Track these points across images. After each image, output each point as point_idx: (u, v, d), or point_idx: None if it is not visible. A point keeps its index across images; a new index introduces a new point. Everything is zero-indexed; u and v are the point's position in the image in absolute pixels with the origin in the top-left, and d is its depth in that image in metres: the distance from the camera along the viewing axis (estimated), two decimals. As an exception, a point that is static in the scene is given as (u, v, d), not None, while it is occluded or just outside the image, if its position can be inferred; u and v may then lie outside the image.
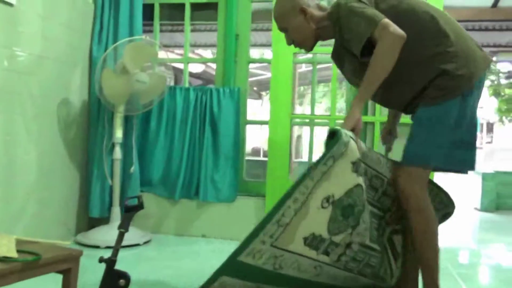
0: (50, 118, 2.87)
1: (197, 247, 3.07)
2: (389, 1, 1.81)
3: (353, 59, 1.84)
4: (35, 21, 2.67)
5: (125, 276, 1.32)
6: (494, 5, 5.39)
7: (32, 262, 1.34)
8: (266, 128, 3.29)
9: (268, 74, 10.64)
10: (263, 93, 14.29)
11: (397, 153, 1.97)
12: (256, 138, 13.94)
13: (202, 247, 3.09)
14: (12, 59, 2.50)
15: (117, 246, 1.35)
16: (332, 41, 1.99)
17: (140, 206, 1.39)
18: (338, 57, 2.00)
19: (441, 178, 3.30)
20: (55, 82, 2.89)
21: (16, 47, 2.53)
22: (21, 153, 2.61)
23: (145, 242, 3.06)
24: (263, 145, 13.77)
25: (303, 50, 2.12)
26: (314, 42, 1.97)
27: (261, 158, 7.65)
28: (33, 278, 1.38)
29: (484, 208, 5.38)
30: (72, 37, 3.04)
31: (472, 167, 1.95)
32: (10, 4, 2.44)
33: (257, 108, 15.74)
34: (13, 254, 1.36)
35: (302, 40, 1.95)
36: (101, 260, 1.31)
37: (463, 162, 1.91)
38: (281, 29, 1.95)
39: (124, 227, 1.36)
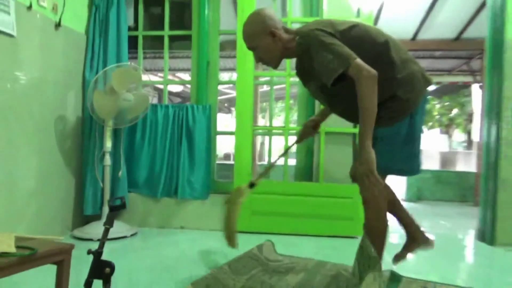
0: (49, 133, 2.78)
1: (177, 237, 3.03)
2: (348, 28, 1.73)
3: (319, 83, 1.76)
4: (34, 50, 2.59)
5: (110, 265, 1.28)
6: (413, 38, 5.59)
7: (28, 256, 1.29)
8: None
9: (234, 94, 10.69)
10: (232, 108, 14.29)
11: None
12: (228, 145, 13.93)
13: (181, 237, 3.05)
14: (14, 82, 2.42)
15: (103, 240, 1.31)
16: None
17: (122, 206, 1.35)
18: (303, 75, 1.92)
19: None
20: (52, 102, 2.80)
21: (17, 71, 2.44)
22: (23, 162, 2.51)
23: (132, 235, 3.00)
24: (233, 150, 13.74)
25: (267, 68, 2.05)
26: (280, 60, 1.87)
27: (231, 162, 7.65)
28: (31, 269, 1.34)
29: (408, 199, 5.56)
30: (67, 63, 2.96)
31: (418, 172, 1.92)
32: (12, 36, 2.36)
33: (228, 121, 15.71)
34: (12, 249, 1.31)
35: (269, 58, 1.85)
36: (89, 252, 1.27)
37: (413, 170, 1.89)
38: (250, 48, 1.85)
39: (109, 223, 1.32)
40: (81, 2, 3.12)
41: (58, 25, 2.80)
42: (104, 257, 2.07)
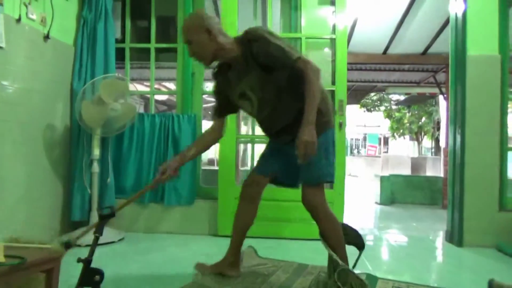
0: (37, 141, 2.70)
1: (164, 242, 2.97)
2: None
3: (262, 73, 1.82)
4: (22, 60, 2.52)
5: (99, 272, 1.24)
6: (384, 52, 5.71)
7: (17, 265, 1.24)
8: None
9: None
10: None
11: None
12: (212, 150, 13.86)
13: (167, 241, 2.99)
14: (2, 91, 2.34)
15: (93, 248, 1.28)
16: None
17: (112, 215, 1.32)
18: (239, 73, 1.90)
19: (349, 181, 3.39)
20: (41, 111, 2.73)
21: (5, 81, 2.37)
22: (11, 170, 2.44)
23: (120, 240, 2.93)
24: (217, 155, 13.67)
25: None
26: (212, 59, 1.88)
27: (215, 167, 7.57)
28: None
29: (382, 202, 5.63)
30: (56, 73, 2.89)
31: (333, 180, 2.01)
32: (0, 47, 2.29)
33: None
34: (1, 259, 1.26)
35: (202, 54, 1.85)
36: (79, 260, 1.23)
37: (332, 177, 1.96)
38: (186, 41, 1.85)
39: (99, 232, 1.29)
40: (70, 15, 3.07)
41: (46, 37, 2.73)
42: (93, 262, 2.01)
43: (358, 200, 6.20)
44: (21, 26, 2.47)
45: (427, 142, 18.62)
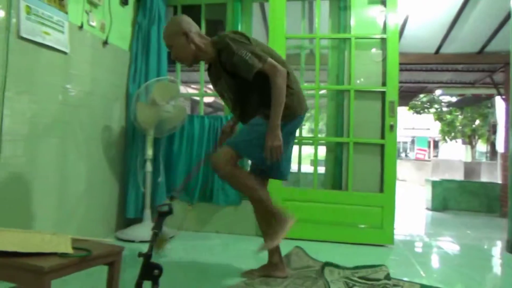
0: (96, 141, 2.85)
1: (211, 241, 3.03)
2: (260, 44, 1.96)
3: (230, 79, 1.94)
4: (84, 65, 2.68)
5: (158, 267, 1.29)
6: (436, 52, 5.47)
7: (84, 257, 1.32)
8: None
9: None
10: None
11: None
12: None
13: (215, 241, 3.05)
14: (65, 95, 2.50)
15: (152, 243, 1.32)
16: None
17: (170, 212, 1.37)
18: (215, 75, 2.04)
19: (397, 185, 3.29)
20: (100, 113, 2.88)
21: (69, 85, 2.52)
22: (74, 169, 2.59)
23: (170, 237, 3.02)
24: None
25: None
26: (193, 60, 2.01)
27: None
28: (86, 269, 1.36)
29: (434, 208, 5.38)
30: (113, 77, 3.04)
31: (262, 164, 1.99)
32: (65, 53, 2.45)
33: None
34: (70, 250, 1.34)
35: (183, 57, 2.00)
36: (139, 255, 1.29)
37: (260, 160, 1.94)
38: (168, 46, 2.02)
39: (157, 228, 1.34)
40: (126, 22, 3.22)
41: (105, 43, 2.88)
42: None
43: (408, 205, 5.97)
44: (83, 33, 2.63)
45: (481, 146, 17.57)
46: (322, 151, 3.39)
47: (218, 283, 2.10)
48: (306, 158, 3.63)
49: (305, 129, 17.77)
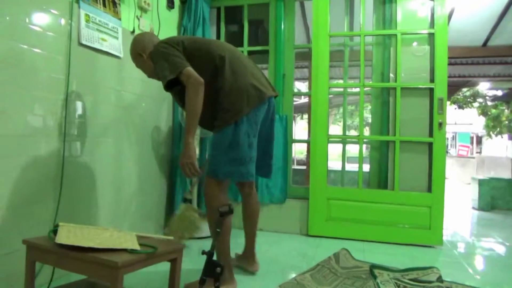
0: (146, 141, 2.97)
1: (257, 239, 3.07)
2: (187, 41, 1.91)
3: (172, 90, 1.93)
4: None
5: (220, 265, 1.34)
6: (484, 44, 5.25)
7: (151, 253, 1.39)
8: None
9: (299, 101, 10.63)
10: (295, 115, 14.27)
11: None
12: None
13: (260, 238, 3.07)
14: (119, 97, 2.62)
15: (214, 242, 1.38)
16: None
17: (230, 211, 1.42)
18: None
19: (449, 184, 3.17)
20: (149, 114, 2.99)
21: (122, 87, 2.64)
22: (127, 168, 2.71)
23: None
24: (296, 155, 13.72)
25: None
26: (156, 74, 2.01)
27: (298, 167, 7.50)
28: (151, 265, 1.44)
29: (481, 208, 5.18)
30: (161, 79, 3.14)
31: (248, 179, 1.96)
32: (119, 57, 2.57)
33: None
34: (137, 247, 1.42)
35: (149, 74, 2.13)
36: (203, 252, 1.34)
37: (241, 175, 1.90)
38: (136, 66, 2.14)
39: (219, 227, 1.39)
40: (172, 25, 3.32)
41: (154, 46, 2.99)
42: (194, 254, 2.17)
43: (453, 204, 5.78)
44: (134, 38, 2.74)
45: (530, 141, 16.63)
46: (354, 148, 3.35)
47: (267, 281, 2.14)
48: (338, 155, 3.61)
49: (340, 126, 17.55)
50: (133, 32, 2.71)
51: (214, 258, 1.37)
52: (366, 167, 3.35)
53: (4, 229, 1.74)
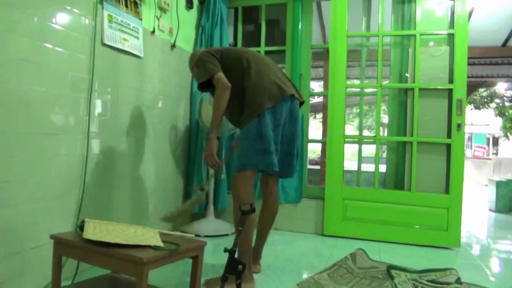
0: (164, 140, 3.01)
1: (271, 238, 3.07)
2: (220, 51, 2.14)
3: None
4: (155, 68, 2.83)
5: (242, 263, 1.36)
6: (504, 44, 5.17)
7: (175, 250, 1.42)
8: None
9: (312, 100, 10.60)
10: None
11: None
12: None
13: (276, 237, 3.11)
14: (139, 96, 2.66)
15: (237, 240, 1.40)
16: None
17: (252, 210, 1.44)
18: None
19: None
20: (168, 113, 3.03)
21: (143, 87, 2.69)
22: (146, 165, 2.76)
23: (233, 233, 3.13)
24: (310, 155, 13.64)
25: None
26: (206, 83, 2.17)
27: (313, 166, 7.45)
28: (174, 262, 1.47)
29: (499, 210, 5.11)
30: (179, 79, 3.19)
31: (273, 169, 2.03)
32: (140, 57, 2.61)
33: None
34: (160, 244, 1.45)
35: (197, 80, 2.22)
36: (225, 250, 1.37)
37: (267, 165, 2.00)
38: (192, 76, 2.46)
39: (241, 225, 1.41)
40: (191, 25, 3.35)
41: (173, 46, 3.03)
42: (211, 251, 2.20)
43: (469, 206, 5.70)
44: (154, 38, 2.79)
45: (548, 143, 16.28)
46: (369, 149, 3.35)
47: (284, 279, 2.16)
48: (353, 155, 3.59)
49: (354, 126, 17.40)
50: (153, 32, 2.76)
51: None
52: (382, 168, 3.34)
53: (30, 224, 1.80)
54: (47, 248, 1.77)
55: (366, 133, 16.96)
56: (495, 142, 22.23)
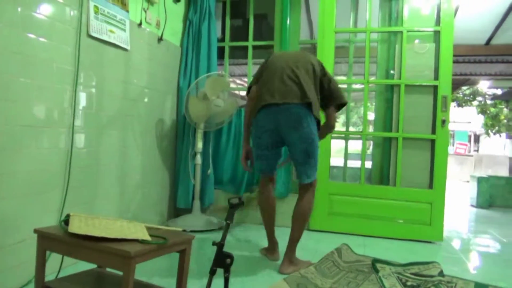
0: (151, 134, 2.98)
1: (257, 232, 3.10)
2: (263, 66, 2.34)
3: None
4: (142, 61, 2.79)
5: (230, 256, 1.36)
6: (487, 43, 5.27)
7: (162, 244, 1.41)
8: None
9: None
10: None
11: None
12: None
13: (262, 232, 3.09)
14: (125, 89, 2.63)
15: (225, 233, 1.40)
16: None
17: (241, 204, 1.44)
18: None
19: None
20: (154, 107, 3.00)
21: (129, 80, 2.65)
22: (132, 159, 2.73)
23: (220, 228, 3.12)
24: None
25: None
26: None
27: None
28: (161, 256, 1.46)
29: (480, 205, 5.24)
30: (166, 72, 3.15)
31: (256, 173, 2.50)
32: (126, 50, 2.57)
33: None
34: (148, 237, 1.44)
35: None
36: (213, 243, 1.36)
37: (256, 170, 2.44)
38: None
39: (229, 219, 1.41)
40: (178, 18, 3.32)
41: (160, 39, 3.00)
42: (197, 246, 2.19)
43: (451, 201, 5.82)
44: (141, 30, 2.75)
45: (528, 141, 16.70)
46: (354, 144, 3.38)
47: (272, 274, 2.17)
48: (339, 152, 3.64)
49: (340, 122, 17.53)
50: (140, 24, 2.72)
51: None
52: (368, 164, 3.37)
53: (14, 218, 1.77)
54: (30, 243, 1.74)
55: (352, 129, 17.15)
56: (477, 139, 22.71)
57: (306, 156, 2.18)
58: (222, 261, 1.36)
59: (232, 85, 6.86)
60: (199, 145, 3.16)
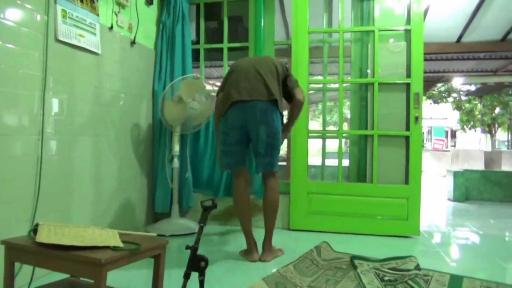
0: (126, 139, 2.94)
1: (236, 234, 3.10)
2: (229, 73, 2.50)
3: None
4: (114, 65, 2.75)
5: (204, 259, 1.35)
6: (458, 40, 5.41)
7: (135, 250, 1.39)
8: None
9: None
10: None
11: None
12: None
13: (240, 233, 3.10)
14: (98, 94, 2.58)
15: (199, 237, 1.39)
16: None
17: (214, 206, 1.43)
18: None
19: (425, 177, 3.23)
20: (128, 111, 2.96)
21: (101, 85, 2.61)
22: (107, 165, 2.68)
23: (199, 231, 3.10)
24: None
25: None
26: None
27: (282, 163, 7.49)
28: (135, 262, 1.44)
29: (456, 199, 5.37)
30: (140, 76, 3.12)
31: (221, 168, 2.64)
32: (97, 54, 2.53)
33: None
34: (120, 244, 1.42)
35: None
36: (187, 247, 1.35)
37: (220, 165, 2.61)
38: None
39: (203, 222, 1.40)
40: (151, 21, 3.28)
41: (133, 42, 2.96)
42: (176, 250, 2.17)
43: (429, 196, 5.95)
44: (112, 34, 2.71)
45: (501, 134, 17.25)
46: (334, 144, 3.43)
47: (250, 274, 2.17)
48: (316, 151, 3.69)
49: (319, 122, 17.71)
50: (111, 28, 2.68)
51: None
52: (346, 162, 3.41)
53: (-19, 230, 1.71)
54: (-1, 254, 1.68)
55: (331, 128, 17.30)
56: (453, 134, 23.33)
57: (271, 148, 2.38)
58: (197, 264, 1.35)
59: (209, 87, 6.84)
60: (176, 148, 3.13)
